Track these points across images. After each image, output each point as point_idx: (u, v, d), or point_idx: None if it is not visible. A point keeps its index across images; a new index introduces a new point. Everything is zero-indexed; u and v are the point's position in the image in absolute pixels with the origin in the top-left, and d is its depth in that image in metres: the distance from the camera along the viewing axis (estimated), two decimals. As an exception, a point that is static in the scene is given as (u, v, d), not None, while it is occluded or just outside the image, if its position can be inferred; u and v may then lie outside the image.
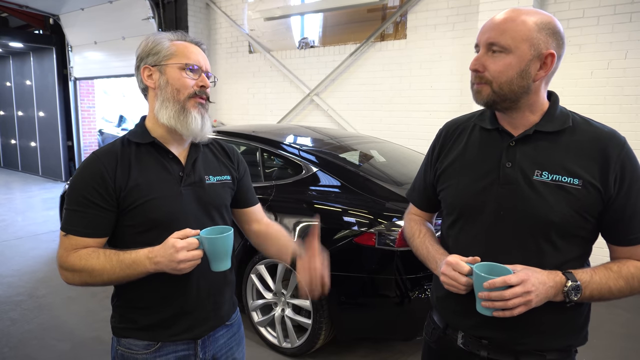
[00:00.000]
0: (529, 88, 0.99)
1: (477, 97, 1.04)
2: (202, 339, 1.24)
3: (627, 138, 1.05)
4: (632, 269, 0.99)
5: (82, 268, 1.08)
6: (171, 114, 1.14)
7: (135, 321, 1.19)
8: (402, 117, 5.15)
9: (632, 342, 2.99)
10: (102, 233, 1.13)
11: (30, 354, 2.78)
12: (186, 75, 1.15)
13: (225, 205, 1.29)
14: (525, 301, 0.91)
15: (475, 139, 1.12)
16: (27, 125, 9.80)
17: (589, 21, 3.90)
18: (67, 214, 1.13)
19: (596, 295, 0.98)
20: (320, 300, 2.52)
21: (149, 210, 1.13)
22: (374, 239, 2.38)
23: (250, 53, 6.51)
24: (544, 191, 0.99)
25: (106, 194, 1.11)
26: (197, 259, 1.05)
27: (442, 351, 1.21)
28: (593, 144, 0.99)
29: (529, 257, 1.00)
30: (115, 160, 1.13)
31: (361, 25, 5.48)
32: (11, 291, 3.70)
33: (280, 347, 2.76)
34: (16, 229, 5.60)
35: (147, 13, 6.95)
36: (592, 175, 0.98)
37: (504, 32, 0.97)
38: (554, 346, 1.05)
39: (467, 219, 1.10)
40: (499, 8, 3.98)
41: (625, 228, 1.00)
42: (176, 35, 1.20)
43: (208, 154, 1.29)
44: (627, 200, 0.98)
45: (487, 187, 1.05)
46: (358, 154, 3.20)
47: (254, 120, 6.60)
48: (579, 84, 3.99)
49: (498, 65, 0.98)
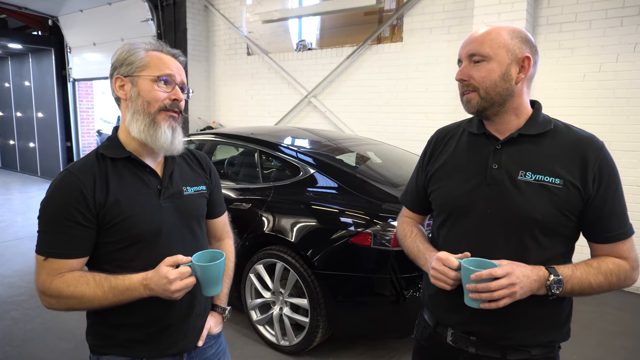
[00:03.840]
0: (513, 90, 1.08)
1: (468, 107, 1.12)
2: (188, 353, 1.23)
3: (619, 140, 1.13)
4: (611, 266, 1.06)
5: (71, 295, 1.04)
6: (141, 127, 1.11)
7: (115, 337, 1.16)
8: (399, 119, 5.21)
9: (622, 340, 3.05)
10: (85, 252, 1.09)
11: (32, 352, 2.83)
12: (158, 88, 1.12)
13: (203, 215, 1.30)
14: (510, 292, 0.97)
15: (464, 143, 1.19)
16: (25, 126, 9.82)
17: (581, 25, 3.97)
18: (45, 237, 1.06)
19: (577, 290, 1.04)
20: (318, 299, 2.58)
21: (130, 227, 1.10)
22: (369, 239, 2.44)
23: (248, 55, 6.55)
24: (527, 190, 1.06)
25: (87, 212, 1.06)
26: (190, 286, 1.04)
27: (432, 348, 1.26)
28: (573, 146, 1.07)
29: (514, 253, 1.06)
30: (92, 176, 1.09)
31: (358, 28, 5.54)
32: (12, 291, 3.74)
33: (278, 345, 2.82)
34: (16, 229, 5.63)
35: (145, 15, 6.99)
36: (572, 175, 1.04)
37: (483, 42, 1.07)
38: (538, 341, 1.10)
39: (456, 219, 1.16)
40: (493, 12, 4.05)
41: (604, 227, 1.07)
42: (154, 45, 1.17)
43: (183, 165, 1.27)
44: (605, 200, 1.05)
45: (475, 187, 1.12)
46: (355, 155, 3.26)
47: (252, 122, 6.64)
48: (571, 87, 4.06)
49: (481, 71, 1.07)
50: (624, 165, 3.79)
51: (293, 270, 2.66)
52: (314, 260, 2.58)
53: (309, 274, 2.60)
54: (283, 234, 2.70)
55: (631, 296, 3.85)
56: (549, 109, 4.77)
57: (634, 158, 3.78)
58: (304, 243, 2.64)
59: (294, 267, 2.65)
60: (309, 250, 2.61)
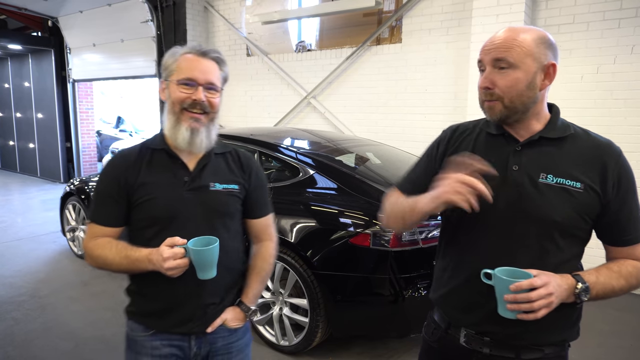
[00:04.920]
0: (537, 98, 1.08)
1: (490, 114, 1.11)
2: (195, 335, 1.30)
3: (617, 140, 1.15)
4: (630, 268, 1.08)
5: (98, 256, 1.24)
6: (169, 126, 1.25)
7: (136, 306, 1.32)
8: (398, 120, 5.23)
9: (622, 340, 3.07)
10: (115, 223, 1.27)
11: (34, 353, 2.84)
12: (182, 90, 1.21)
13: (230, 213, 1.32)
14: (548, 302, 0.97)
15: (482, 143, 1.17)
16: (25, 126, 9.82)
17: (579, 27, 3.99)
18: (91, 205, 1.30)
19: (601, 295, 1.06)
20: (317, 299, 2.59)
21: (150, 208, 1.24)
22: (369, 239, 2.46)
23: (248, 56, 6.57)
24: (548, 193, 1.06)
25: (120, 189, 1.25)
26: (182, 267, 1.13)
27: (444, 350, 1.23)
28: (593, 152, 1.08)
29: (533, 255, 1.06)
30: (129, 161, 1.27)
31: (357, 29, 5.56)
32: (13, 292, 3.75)
33: (278, 345, 2.83)
34: (16, 230, 5.64)
35: (145, 16, 7.00)
36: (592, 180, 1.06)
37: (509, 49, 1.04)
38: (551, 340, 1.11)
39: (472, 219, 1.12)
40: (491, 13, 4.08)
41: (622, 230, 1.09)
42: (189, 48, 1.25)
43: (221, 163, 1.34)
44: (623, 204, 1.07)
45: (495, 188, 1.07)
46: (354, 156, 3.27)
47: (252, 123, 6.66)
48: (569, 88, 4.08)
49: (507, 80, 1.05)
50: (621, 166, 3.81)
51: (293, 270, 2.67)
52: (313, 261, 2.60)
53: (309, 274, 2.62)
54: (283, 235, 2.71)
55: (631, 297, 3.86)
56: (547, 110, 4.72)
57: (631, 159, 3.74)
58: (303, 243, 2.66)
59: (293, 267, 2.66)
60: (309, 251, 2.62)
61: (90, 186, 4.36)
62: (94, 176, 4.58)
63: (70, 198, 4.61)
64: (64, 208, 4.70)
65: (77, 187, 4.47)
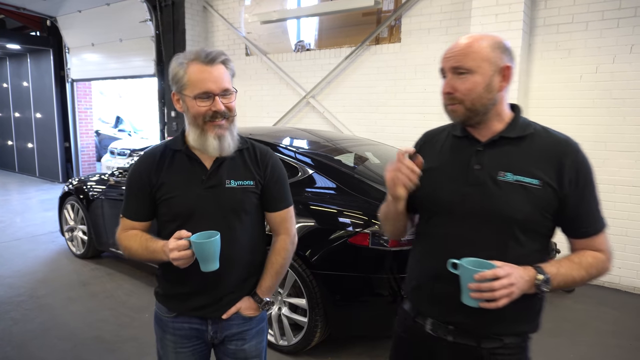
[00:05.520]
0: (496, 99, 1.14)
1: (453, 116, 1.19)
2: (212, 320, 1.42)
3: (615, 140, 1.16)
4: (590, 259, 1.14)
5: (126, 246, 1.38)
6: (195, 137, 1.33)
7: (162, 288, 1.46)
8: (397, 120, 5.23)
9: (619, 339, 3.07)
10: (143, 218, 1.41)
11: (32, 353, 2.83)
12: (200, 104, 1.27)
13: (245, 209, 1.39)
14: (509, 292, 1.02)
15: (448, 145, 1.26)
16: (24, 126, 9.81)
17: (578, 26, 3.99)
18: (123, 201, 1.43)
19: (562, 285, 1.11)
20: (316, 298, 2.59)
21: (171, 205, 1.36)
22: (368, 239, 2.46)
23: (247, 56, 6.57)
24: (508, 190, 1.12)
25: (145, 187, 1.37)
26: (186, 258, 1.21)
27: (411, 339, 1.31)
28: (551, 149, 1.14)
29: (494, 250, 1.11)
30: (153, 161, 1.39)
31: (356, 29, 5.55)
32: (12, 292, 3.75)
33: (277, 345, 2.83)
34: (15, 230, 5.63)
35: (144, 15, 7.00)
36: (549, 176, 1.11)
37: (466, 55, 1.12)
38: (512, 331, 1.17)
39: (439, 217, 1.22)
40: (490, 13, 4.08)
41: (581, 223, 1.15)
42: (193, 55, 1.27)
43: (237, 160, 1.40)
44: (582, 198, 1.12)
45: (458, 187, 1.18)
46: (353, 156, 3.27)
47: (250, 123, 6.65)
48: (569, 88, 4.08)
49: (466, 84, 1.13)
50: (620, 166, 3.82)
51: (291, 270, 2.67)
52: (312, 260, 2.60)
53: (308, 274, 2.62)
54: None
55: (628, 296, 3.87)
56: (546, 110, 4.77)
57: (630, 158, 3.80)
58: (302, 243, 2.65)
59: (292, 267, 2.66)
60: (308, 251, 2.62)
61: (88, 186, 4.35)
62: (92, 176, 4.57)
63: (68, 198, 4.60)
64: (63, 208, 4.70)
65: (75, 187, 4.47)
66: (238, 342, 1.45)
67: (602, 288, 4.01)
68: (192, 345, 1.44)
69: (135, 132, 12.29)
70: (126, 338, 3.02)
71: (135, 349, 2.89)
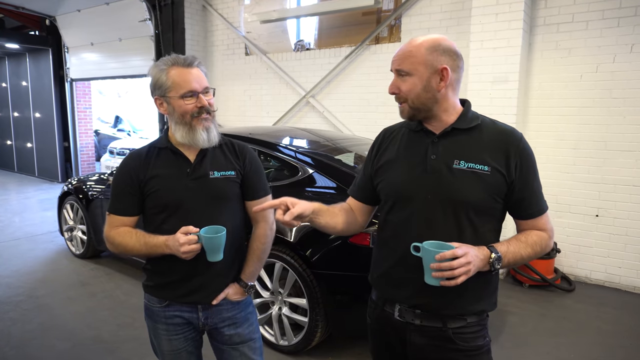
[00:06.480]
0: (437, 98, 1.24)
1: (402, 114, 1.30)
2: (202, 306, 1.52)
3: (615, 139, 1.17)
4: (535, 238, 1.25)
5: (120, 243, 1.46)
6: (183, 133, 1.44)
7: (152, 280, 1.54)
8: (397, 119, 5.13)
9: (618, 339, 3.07)
10: (132, 213, 1.49)
11: (31, 353, 2.83)
12: (186, 102, 1.41)
13: (229, 197, 1.52)
14: (466, 270, 1.11)
15: (406, 139, 1.36)
16: (23, 126, 9.80)
17: (578, 26, 3.98)
18: (110, 199, 1.51)
19: (512, 262, 1.22)
20: (317, 298, 2.58)
21: (159, 197, 1.45)
22: (368, 238, 2.45)
23: (246, 55, 6.56)
24: (462, 177, 1.22)
25: (133, 183, 1.46)
26: (195, 251, 1.34)
27: (382, 328, 1.39)
28: (498, 138, 1.25)
29: (452, 232, 1.21)
30: (140, 159, 1.49)
31: (356, 28, 5.55)
32: (10, 292, 3.74)
33: (277, 345, 2.82)
34: (13, 229, 5.62)
35: (143, 15, 6.99)
36: (498, 163, 1.22)
37: (404, 60, 1.24)
38: (473, 310, 1.27)
39: (401, 205, 1.30)
40: (491, 12, 4.07)
41: (526, 205, 1.26)
42: (172, 60, 1.41)
43: (218, 153, 1.54)
44: (526, 182, 1.24)
45: (417, 176, 1.27)
46: (353, 155, 3.26)
47: (250, 122, 6.65)
48: (569, 87, 4.07)
49: (406, 85, 1.24)
50: (620, 165, 3.81)
51: (292, 270, 2.67)
52: (312, 260, 2.59)
53: (308, 273, 2.61)
54: (282, 234, 2.70)
55: (629, 295, 3.87)
56: (547, 109, 4.75)
57: (630, 158, 3.80)
58: (302, 243, 2.65)
59: (292, 267, 2.66)
60: (308, 250, 2.62)
61: (88, 186, 4.34)
62: (91, 176, 4.56)
63: (68, 198, 4.59)
64: (62, 208, 4.68)
65: (74, 187, 4.46)
66: (230, 327, 1.56)
67: (602, 288, 4.01)
68: (184, 332, 1.55)
69: (134, 132, 12.27)
70: (125, 338, 3.01)
71: (135, 349, 2.88)
